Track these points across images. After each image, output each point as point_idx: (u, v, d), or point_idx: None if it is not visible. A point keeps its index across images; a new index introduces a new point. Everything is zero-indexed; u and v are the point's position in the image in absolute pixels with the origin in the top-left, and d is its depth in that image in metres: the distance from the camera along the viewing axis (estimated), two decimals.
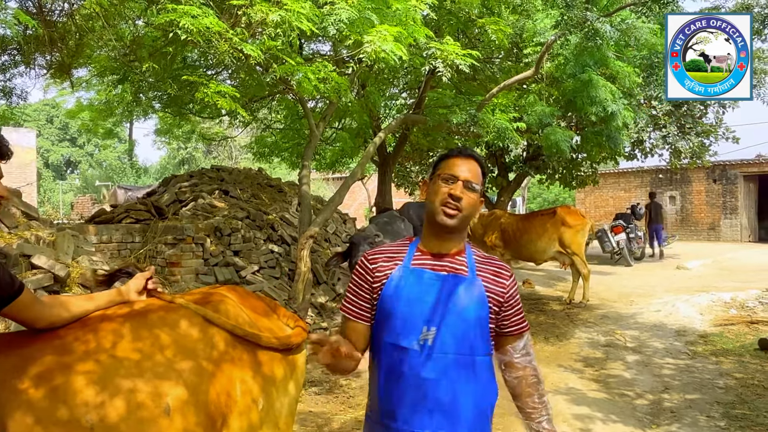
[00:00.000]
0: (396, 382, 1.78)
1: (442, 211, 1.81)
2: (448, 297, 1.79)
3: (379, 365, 1.84)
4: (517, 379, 1.90)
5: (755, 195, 23.35)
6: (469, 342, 1.78)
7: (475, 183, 1.83)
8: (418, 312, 1.78)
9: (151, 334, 1.88)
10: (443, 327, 1.77)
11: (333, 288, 8.29)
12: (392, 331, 1.80)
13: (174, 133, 12.37)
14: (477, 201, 1.85)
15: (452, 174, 1.83)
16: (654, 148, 14.56)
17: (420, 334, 1.77)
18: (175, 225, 7.44)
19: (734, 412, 4.87)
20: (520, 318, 1.90)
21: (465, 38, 7.80)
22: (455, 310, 1.78)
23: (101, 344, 1.80)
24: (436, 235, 1.87)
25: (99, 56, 7.72)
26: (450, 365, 1.76)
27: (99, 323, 1.86)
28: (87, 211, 22.77)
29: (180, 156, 39.41)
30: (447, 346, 1.76)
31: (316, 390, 5.43)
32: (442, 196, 1.81)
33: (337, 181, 28.12)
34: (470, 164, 1.85)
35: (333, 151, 11.59)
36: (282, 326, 2.24)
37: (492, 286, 1.85)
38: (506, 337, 1.89)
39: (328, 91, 5.34)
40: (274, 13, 4.29)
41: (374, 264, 1.89)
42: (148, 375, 1.78)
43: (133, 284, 2.02)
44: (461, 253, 1.88)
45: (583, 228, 9.94)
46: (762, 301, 8.93)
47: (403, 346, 1.77)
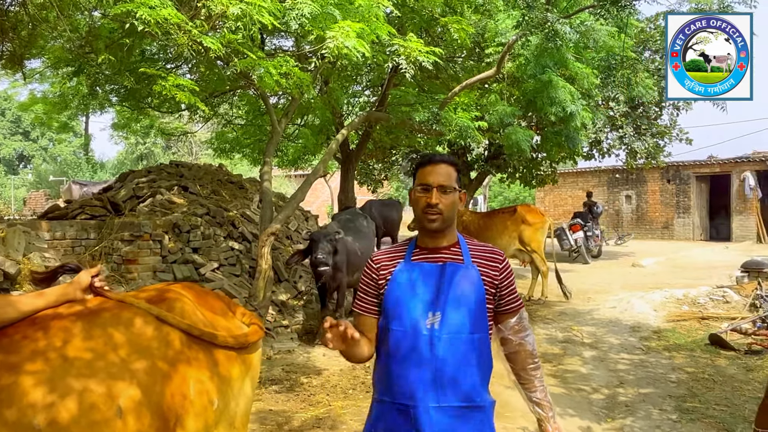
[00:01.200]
0: (409, 365, 1.94)
1: (425, 218, 2.02)
2: (448, 284, 1.98)
3: (389, 351, 2.00)
4: (512, 354, 2.11)
5: (707, 195, 24.09)
6: (470, 322, 1.97)
7: (447, 185, 2.02)
8: (423, 300, 1.98)
9: (104, 333, 1.82)
10: (447, 311, 1.95)
11: (294, 285, 8.22)
12: (400, 319, 1.98)
13: (132, 128, 12.08)
14: (454, 199, 2.04)
15: (426, 183, 2.03)
16: (611, 148, 14.89)
17: (426, 318, 1.96)
18: (132, 221, 7.27)
19: (685, 405, 5.02)
20: (514, 297, 2.09)
21: (428, 37, 7.82)
22: (455, 295, 1.97)
23: (51, 343, 1.74)
24: (428, 235, 2.07)
25: (53, 47, 7.48)
26: (455, 344, 1.94)
27: (49, 321, 1.80)
28: (40, 206, 22.10)
29: (138, 151, 38.55)
30: (452, 328, 1.95)
31: (276, 388, 5.38)
32: (422, 205, 2.02)
33: (299, 178, 27.96)
34: (441, 168, 2.04)
35: (295, 147, 11.49)
36: (239, 325, 2.20)
37: (487, 270, 2.04)
38: (502, 314, 2.09)
39: (290, 87, 5.28)
40: (234, 6, 4.22)
41: (378, 264, 2.10)
42: (101, 375, 1.73)
43: (78, 282, 1.94)
44: (456, 244, 2.08)
45: (543, 226, 10.11)
46: (712, 297, 9.22)
47: (411, 331, 1.96)
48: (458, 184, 2.07)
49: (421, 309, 1.97)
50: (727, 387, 5.43)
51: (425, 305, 1.97)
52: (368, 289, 2.10)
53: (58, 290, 1.91)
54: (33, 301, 1.84)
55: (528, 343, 2.10)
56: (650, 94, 9.50)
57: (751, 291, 8.70)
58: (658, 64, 13.52)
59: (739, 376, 5.72)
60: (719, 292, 9.38)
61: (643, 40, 13.43)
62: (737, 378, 5.67)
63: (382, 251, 2.17)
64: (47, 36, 6.91)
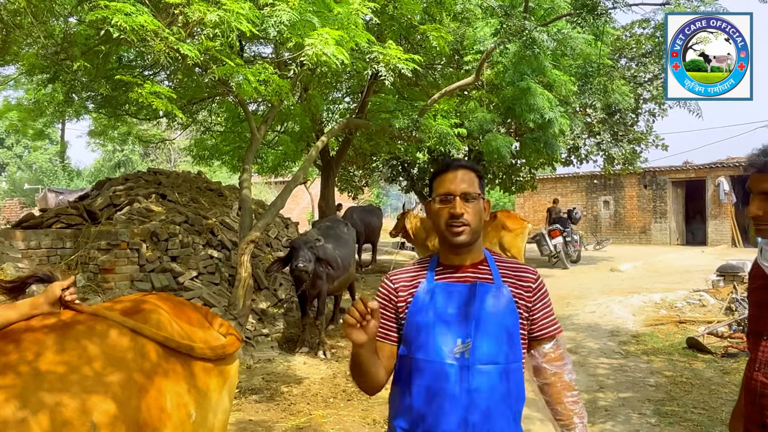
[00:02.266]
0: (434, 399, 1.72)
1: (449, 232, 1.78)
2: (479, 307, 1.75)
3: (411, 383, 1.77)
4: (547, 385, 1.87)
5: (683, 200, 24.46)
6: (503, 350, 1.75)
7: (472, 192, 1.80)
8: (450, 325, 1.75)
9: (77, 345, 1.78)
10: (478, 338, 1.73)
11: (274, 293, 8.17)
12: (424, 347, 1.75)
13: (109, 135, 11.96)
14: (480, 208, 1.82)
15: (447, 191, 1.80)
16: (589, 154, 15.07)
17: (455, 347, 1.73)
18: (108, 230, 7.16)
19: (664, 408, 5.07)
20: (549, 321, 1.86)
21: (407, 44, 7.85)
22: (487, 320, 1.75)
23: (23, 356, 1.70)
24: (453, 251, 1.84)
25: (27, 53, 7.38)
26: (487, 375, 1.73)
27: (21, 334, 1.76)
28: (15, 215, 21.71)
29: (115, 159, 38.03)
30: (485, 357, 1.73)
31: (256, 398, 5.33)
32: (445, 218, 1.79)
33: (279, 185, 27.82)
34: (463, 174, 1.82)
35: (275, 154, 11.45)
36: (216, 336, 2.18)
37: (519, 291, 1.82)
38: (536, 340, 1.86)
39: (269, 94, 5.26)
40: (212, 13, 4.19)
41: (396, 284, 1.85)
42: (74, 389, 1.69)
43: (47, 294, 1.88)
44: (483, 261, 1.86)
45: (523, 231, 10.18)
46: (689, 301, 9.34)
47: (438, 361, 1.73)
48: (482, 190, 1.84)
49: (449, 336, 1.74)
50: (704, 390, 5.49)
51: (453, 331, 1.74)
52: (386, 312, 1.84)
53: (27, 303, 1.86)
54: (2, 313, 1.80)
55: (566, 372, 1.86)
56: (626, 100, 9.64)
57: (727, 294, 8.83)
58: (634, 72, 13.74)
59: (716, 379, 5.80)
60: (696, 296, 9.51)
61: (619, 47, 13.63)
62: (714, 381, 5.75)
63: (400, 270, 1.91)
64: (21, 42, 6.81)
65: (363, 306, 1.59)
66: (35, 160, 38.81)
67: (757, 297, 1.85)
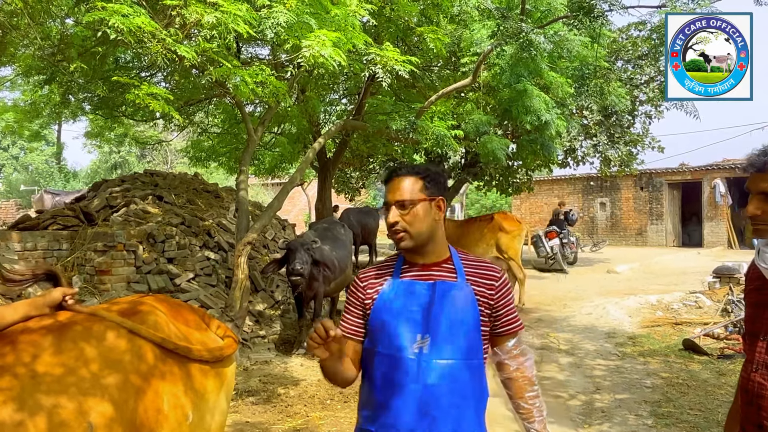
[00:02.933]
0: (394, 392, 1.80)
1: (392, 238, 1.88)
2: (439, 304, 1.82)
3: (373, 376, 1.85)
4: (509, 380, 1.94)
5: (679, 201, 24.53)
6: (462, 347, 1.81)
7: (406, 200, 1.85)
8: (411, 321, 1.82)
9: (75, 347, 1.78)
10: (436, 334, 1.80)
11: (271, 295, 8.16)
12: (386, 342, 1.83)
13: (105, 136, 11.94)
14: (419, 212, 1.86)
15: (385, 200, 1.90)
16: (585, 156, 15.09)
17: (414, 342, 1.80)
18: (105, 231, 7.15)
19: (661, 410, 5.08)
20: (512, 318, 1.93)
21: (404, 46, 7.87)
22: (447, 317, 1.81)
23: (20, 358, 1.69)
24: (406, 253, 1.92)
25: (24, 55, 7.36)
26: (445, 371, 1.79)
27: (18, 335, 1.75)
28: (11, 217, 21.65)
29: (112, 160, 37.97)
30: (441, 353, 1.79)
31: (253, 400, 5.32)
32: (388, 225, 1.88)
33: (276, 186, 27.79)
34: (400, 182, 1.88)
35: (272, 156, 11.44)
36: (214, 338, 2.17)
37: (482, 289, 1.88)
38: (499, 337, 1.93)
39: (266, 96, 5.26)
40: (209, 15, 4.19)
41: (365, 282, 1.94)
42: (72, 391, 1.69)
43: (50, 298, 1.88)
44: (448, 260, 1.92)
45: (520, 233, 10.18)
46: (685, 303, 9.37)
47: (398, 355, 1.80)
48: (428, 192, 1.87)
49: (408, 331, 1.81)
50: (700, 391, 5.50)
51: (413, 327, 1.81)
52: (354, 309, 1.93)
53: (25, 304, 1.85)
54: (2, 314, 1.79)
55: (527, 368, 1.93)
56: (623, 102, 9.67)
57: (723, 296, 8.85)
58: (630, 74, 13.77)
59: (712, 381, 5.81)
60: (692, 297, 9.53)
61: (616, 50, 13.66)
62: (710, 382, 5.76)
63: (369, 268, 2.00)
64: (18, 43, 6.79)
65: (324, 331, 1.67)
66: (31, 161, 38.70)
67: (754, 298, 1.86)
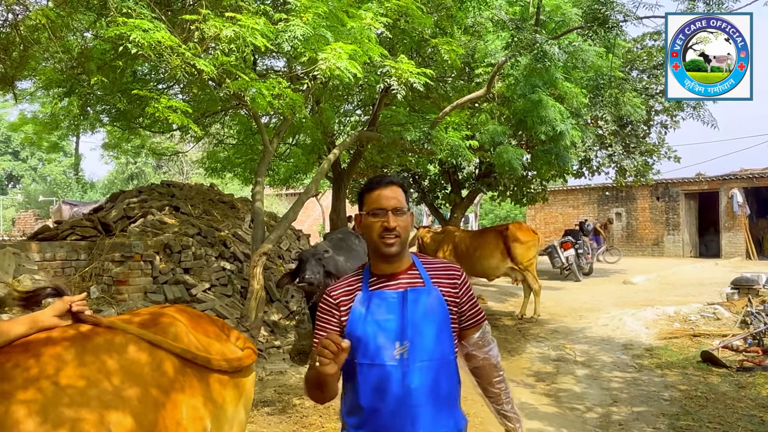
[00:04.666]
0: (379, 397, 1.88)
1: (382, 243, 1.94)
2: (412, 311, 1.91)
3: (357, 387, 1.92)
4: (477, 369, 2.09)
5: (695, 212, 24.29)
6: (439, 347, 1.92)
7: (401, 207, 1.96)
8: (388, 330, 1.90)
9: (97, 360, 1.80)
10: (415, 339, 1.89)
11: (286, 305, 8.19)
12: (366, 353, 1.90)
13: (122, 148, 12.07)
14: (409, 221, 1.99)
15: (379, 207, 1.95)
16: (600, 166, 15.02)
17: (394, 349, 1.89)
18: (122, 242, 7.23)
19: (679, 423, 5.02)
20: (475, 311, 2.05)
21: (418, 57, 7.90)
22: (422, 321, 1.91)
23: (44, 370, 1.71)
24: (384, 260, 1.99)
25: (44, 68, 7.49)
26: (428, 372, 1.89)
27: (41, 348, 1.77)
28: (30, 227, 21.93)
29: (129, 171, 38.37)
30: (423, 355, 1.89)
31: (268, 410, 5.33)
32: (377, 231, 1.94)
33: (290, 197, 27.93)
34: (392, 191, 1.97)
35: (287, 166, 11.51)
36: (233, 349, 2.19)
37: (447, 289, 1.99)
38: (465, 330, 2.05)
39: (282, 107, 5.31)
40: (228, 29, 4.25)
41: (336, 299, 1.99)
42: (94, 403, 1.71)
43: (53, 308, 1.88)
44: (412, 266, 2.02)
45: (534, 244, 10.14)
46: (703, 314, 9.26)
47: (380, 364, 1.88)
48: (408, 203, 2.02)
49: (387, 340, 1.89)
50: (719, 404, 5.43)
51: (391, 336, 1.90)
52: (330, 327, 1.97)
53: (33, 317, 1.85)
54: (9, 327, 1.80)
55: (492, 356, 2.08)
56: (638, 112, 9.62)
57: (742, 308, 8.74)
58: (645, 84, 13.72)
59: (731, 394, 5.73)
60: (710, 309, 9.42)
61: (631, 60, 13.62)
62: (729, 395, 5.68)
63: (336, 285, 2.06)
64: (39, 57, 6.92)
65: (335, 345, 1.70)
66: (49, 172, 39.24)
67: None
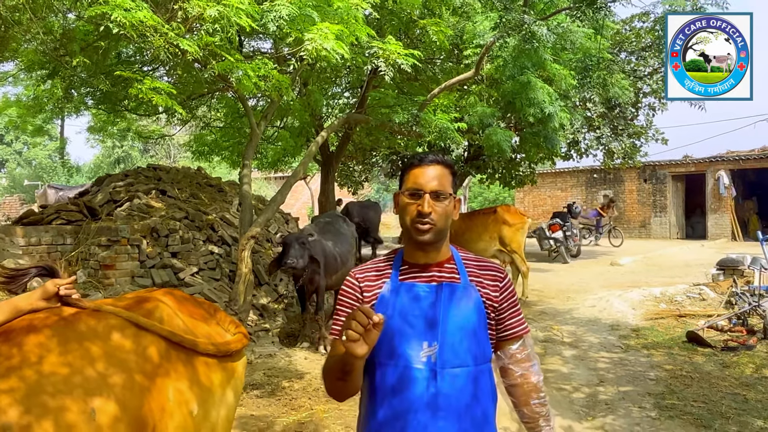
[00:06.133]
0: (403, 405, 1.66)
1: (415, 229, 1.71)
2: (445, 309, 1.69)
3: (376, 389, 1.70)
4: (514, 386, 1.82)
5: (682, 194, 24.47)
6: (472, 352, 1.70)
7: (442, 191, 1.72)
8: (417, 328, 1.69)
9: (80, 347, 1.77)
10: (446, 341, 1.67)
11: (275, 289, 8.18)
12: (390, 352, 1.68)
13: (108, 131, 11.95)
14: (450, 208, 1.74)
15: (417, 188, 1.72)
16: (589, 148, 15.07)
17: (421, 350, 1.67)
18: (109, 226, 7.17)
19: (664, 402, 5.08)
20: (518, 320, 1.80)
21: (407, 39, 7.84)
22: (454, 322, 1.69)
23: (27, 359, 1.68)
24: (419, 248, 1.76)
25: (26, 50, 7.37)
26: (456, 378, 1.67)
27: (24, 336, 1.74)
28: (15, 211, 21.72)
29: (115, 154, 38.00)
30: (453, 361, 1.67)
31: (257, 393, 5.34)
32: (412, 214, 1.71)
33: (279, 180, 27.81)
34: (436, 170, 1.74)
35: (275, 150, 11.45)
36: (221, 332, 2.18)
37: (487, 291, 1.76)
38: (503, 341, 1.81)
39: (269, 89, 5.26)
40: (211, 8, 4.19)
41: (362, 282, 1.79)
42: (78, 392, 1.68)
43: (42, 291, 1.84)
44: (450, 260, 1.79)
45: (523, 226, 10.18)
46: (689, 295, 9.36)
47: (404, 365, 1.67)
48: (454, 189, 1.76)
49: (415, 339, 1.68)
50: (704, 383, 5.50)
51: (419, 334, 1.68)
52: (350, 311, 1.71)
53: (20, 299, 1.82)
54: None
55: (533, 374, 1.80)
56: (626, 94, 9.64)
57: (727, 288, 8.84)
58: (633, 65, 13.73)
59: (715, 373, 5.81)
60: (696, 289, 9.52)
61: (619, 41, 13.61)
62: (714, 374, 5.76)
63: (365, 266, 1.84)
64: (20, 38, 6.80)
65: (365, 317, 1.46)
66: (35, 156, 38.80)
67: None
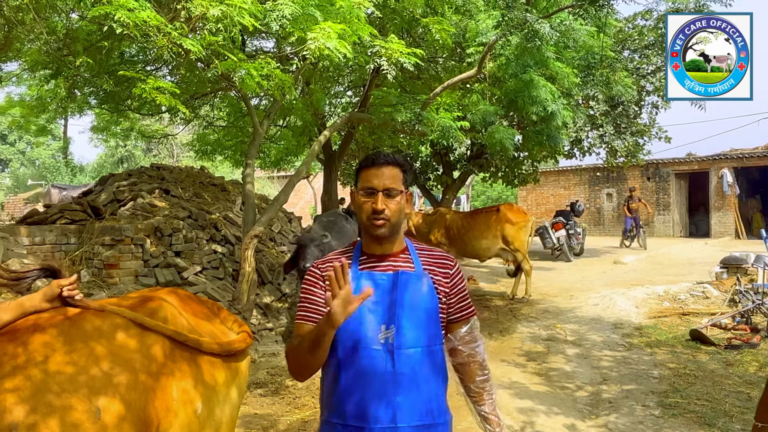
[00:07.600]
0: (361, 382, 1.82)
1: (371, 224, 1.87)
2: (401, 295, 1.85)
3: (338, 368, 1.86)
4: (461, 365, 2.00)
5: (686, 192, 24.40)
6: (426, 334, 1.86)
7: (394, 188, 1.87)
8: (373, 312, 1.84)
9: (86, 346, 1.78)
10: (402, 324, 1.83)
11: (278, 288, 8.19)
12: (351, 334, 1.83)
13: (111, 131, 11.95)
14: (402, 204, 1.90)
15: (370, 186, 1.88)
16: (592, 147, 15.02)
17: (379, 333, 1.83)
18: (112, 225, 7.18)
19: (668, 400, 5.08)
20: (466, 304, 1.98)
21: (409, 37, 7.83)
22: (409, 306, 1.85)
23: (32, 358, 1.69)
24: (375, 241, 1.93)
25: (30, 50, 7.37)
26: (412, 359, 1.83)
27: (29, 335, 1.75)
28: (18, 211, 21.77)
29: (118, 154, 38.06)
30: (407, 341, 1.83)
31: (261, 392, 5.36)
32: (368, 211, 1.87)
33: (281, 179, 27.84)
34: (387, 170, 1.89)
35: (277, 149, 11.44)
36: (225, 331, 2.18)
37: (438, 278, 1.93)
38: (453, 323, 1.98)
39: (272, 89, 5.26)
40: (215, 8, 4.19)
41: (324, 272, 1.91)
42: (83, 391, 1.69)
43: (44, 292, 1.85)
44: (405, 250, 1.96)
45: (526, 225, 10.16)
46: (693, 293, 9.35)
47: (363, 346, 1.82)
48: (405, 186, 1.92)
49: (373, 322, 1.84)
50: (707, 382, 5.50)
51: (378, 318, 1.84)
52: (315, 298, 1.90)
53: (23, 301, 1.83)
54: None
55: (478, 353, 1.99)
56: (629, 92, 9.59)
57: (730, 286, 8.82)
58: (636, 63, 13.69)
59: (719, 371, 5.81)
60: (699, 288, 9.51)
61: (622, 39, 13.56)
62: (717, 373, 5.76)
63: (325, 259, 2.00)
64: (24, 38, 6.81)
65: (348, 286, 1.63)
66: (38, 156, 38.89)
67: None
